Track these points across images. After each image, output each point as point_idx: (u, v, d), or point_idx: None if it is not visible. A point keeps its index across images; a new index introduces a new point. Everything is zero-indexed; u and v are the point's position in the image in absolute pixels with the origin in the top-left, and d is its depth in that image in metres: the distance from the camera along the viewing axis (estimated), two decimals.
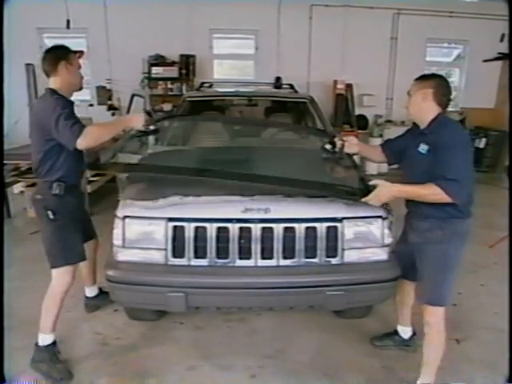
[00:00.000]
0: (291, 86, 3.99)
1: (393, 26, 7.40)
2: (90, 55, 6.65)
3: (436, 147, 1.82)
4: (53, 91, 2.03)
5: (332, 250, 2.01)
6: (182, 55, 6.74)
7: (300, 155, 2.81)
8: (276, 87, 5.44)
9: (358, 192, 1.96)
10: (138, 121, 2.18)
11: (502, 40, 7.41)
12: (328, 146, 2.32)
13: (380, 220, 2.05)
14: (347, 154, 2.39)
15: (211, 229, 1.94)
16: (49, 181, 2.08)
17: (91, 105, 6.91)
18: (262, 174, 2.03)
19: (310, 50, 7.27)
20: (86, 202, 3.49)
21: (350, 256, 2.03)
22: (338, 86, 7.15)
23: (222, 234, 1.95)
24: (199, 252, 1.96)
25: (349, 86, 7.29)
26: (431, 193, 1.77)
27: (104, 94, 6.73)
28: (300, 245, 1.97)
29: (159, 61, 6.60)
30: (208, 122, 3.42)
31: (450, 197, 1.74)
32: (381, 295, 2.09)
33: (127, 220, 1.97)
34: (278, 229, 1.95)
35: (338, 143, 2.27)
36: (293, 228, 1.96)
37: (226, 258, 1.96)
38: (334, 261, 2.01)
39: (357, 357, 2.37)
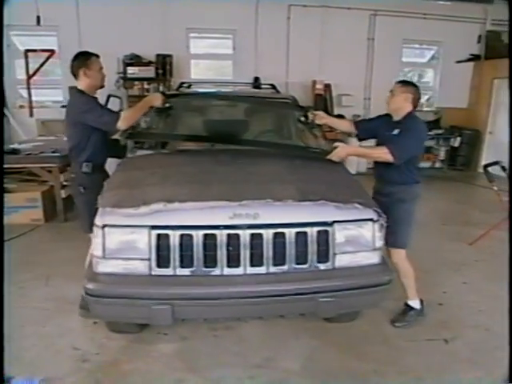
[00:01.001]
0: (273, 86, 3.91)
1: (369, 27, 7.48)
2: (62, 54, 6.38)
3: (402, 130, 2.47)
4: (80, 91, 2.54)
5: (323, 255, 1.95)
6: (158, 55, 6.57)
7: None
8: (255, 87, 5.38)
9: (323, 152, 2.53)
10: (157, 100, 2.71)
11: (479, 41, 7.63)
12: (302, 118, 2.98)
13: (370, 223, 2.01)
14: (318, 125, 3.01)
15: (197, 236, 1.84)
16: (79, 161, 2.57)
17: (64, 106, 6.61)
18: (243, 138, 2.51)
19: (288, 50, 7.26)
20: None
21: (342, 261, 1.98)
22: (317, 87, 7.18)
23: (209, 241, 1.86)
24: (185, 261, 1.86)
25: (327, 87, 7.34)
26: (378, 151, 2.42)
27: None
28: (290, 251, 1.90)
29: (135, 60, 6.41)
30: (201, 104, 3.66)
31: (392, 156, 2.35)
32: (374, 300, 2.05)
33: (107, 229, 1.84)
34: (268, 235, 1.88)
35: (310, 116, 2.86)
36: (283, 233, 1.90)
37: (213, 266, 1.87)
38: (325, 266, 1.96)
39: (348, 362, 2.32)
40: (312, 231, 1.92)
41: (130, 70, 6.31)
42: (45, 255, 3.69)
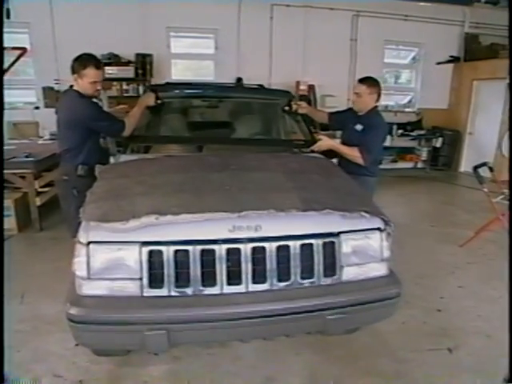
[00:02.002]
0: (262, 87, 3.77)
1: (352, 28, 7.45)
2: (35, 53, 6.04)
3: (366, 127, 2.82)
4: (80, 94, 2.54)
5: (330, 269, 1.81)
6: (137, 54, 6.31)
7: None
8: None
9: (307, 144, 2.84)
10: (150, 99, 2.85)
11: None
12: (286, 108, 3.22)
13: (378, 232, 1.89)
14: (301, 115, 3.22)
15: (194, 252, 1.67)
16: (75, 164, 2.59)
17: (37, 107, 6.28)
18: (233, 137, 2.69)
19: (271, 51, 7.12)
20: None
21: (349, 273, 1.85)
22: (301, 87, 7.08)
23: (207, 257, 1.68)
24: (181, 280, 1.68)
25: (311, 87, 7.25)
26: (352, 153, 2.77)
27: (52, 96, 6.09)
28: (295, 265, 1.75)
29: (113, 60, 6.12)
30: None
31: (361, 159, 2.74)
32: (384, 314, 1.93)
33: (92, 246, 1.64)
34: (271, 248, 1.72)
35: (294, 106, 3.15)
36: (287, 246, 1.74)
37: (212, 285, 1.70)
38: (332, 280, 1.82)
39: (353, 378, 2.19)
40: (318, 243, 1.78)
41: (109, 69, 6.00)
42: (19, 268, 3.39)
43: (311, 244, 1.77)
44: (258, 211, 1.72)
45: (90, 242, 1.65)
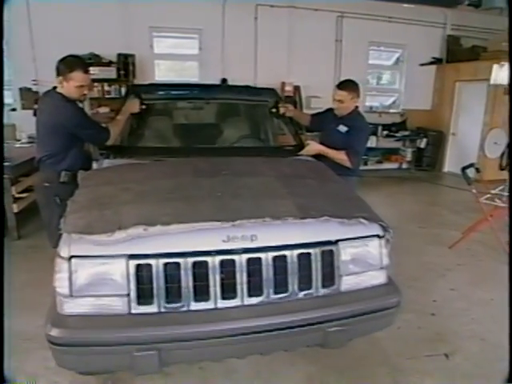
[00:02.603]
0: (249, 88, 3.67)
1: (337, 29, 7.44)
2: (11, 52, 5.79)
3: (351, 129, 2.85)
4: (64, 97, 2.40)
5: (328, 278, 1.73)
6: (119, 54, 6.12)
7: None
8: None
9: (296, 149, 2.83)
10: (134, 107, 2.76)
11: None
12: (274, 110, 3.18)
13: (377, 239, 1.82)
14: (289, 118, 3.19)
15: (186, 265, 1.56)
16: (57, 170, 2.46)
17: (14, 109, 6.02)
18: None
19: (256, 51, 7.03)
20: None
21: (348, 283, 1.77)
22: (287, 88, 7.03)
23: (200, 270, 1.57)
24: (172, 295, 1.56)
25: (297, 89, 7.21)
26: (340, 157, 2.80)
27: (29, 97, 5.85)
28: (293, 275, 1.66)
29: (94, 60, 5.90)
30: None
31: (349, 162, 2.80)
32: (385, 323, 1.86)
33: (75, 261, 1.51)
34: (267, 259, 1.63)
35: (281, 109, 3.12)
36: (284, 256, 1.65)
37: (205, 299, 1.59)
38: (331, 290, 1.74)
39: None
40: (315, 252, 1.70)
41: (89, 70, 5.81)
42: None
43: (309, 253, 1.69)
44: (253, 220, 1.62)
45: (72, 257, 1.51)
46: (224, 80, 6.84)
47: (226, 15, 6.72)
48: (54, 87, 2.49)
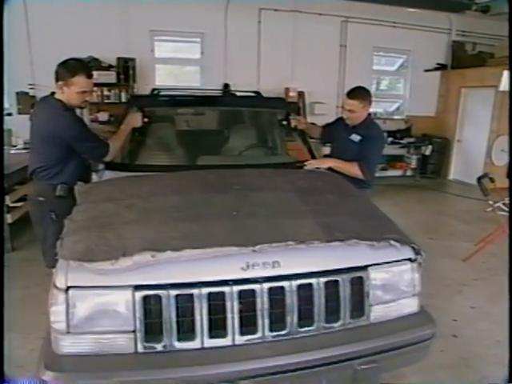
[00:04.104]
0: (258, 94, 3.49)
1: (341, 34, 7.31)
2: (7, 56, 5.57)
3: (365, 138, 2.67)
4: (63, 104, 2.21)
5: (358, 308, 1.55)
6: (119, 58, 5.95)
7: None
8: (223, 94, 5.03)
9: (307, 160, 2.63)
10: (137, 121, 2.54)
11: None
12: (284, 123, 3.00)
13: (409, 263, 1.64)
14: (301, 130, 3.02)
15: (200, 296, 1.37)
16: (53, 183, 2.26)
17: (10, 114, 5.82)
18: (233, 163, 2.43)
19: (259, 56, 6.90)
20: None
21: (379, 313, 1.59)
22: (291, 94, 6.88)
23: (216, 302, 1.39)
24: (184, 331, 1.37)
25: (301, 94, 7.07)
26: (353, 171, 2.61)
27: (26, 102, 5.66)
28: (319, 306, 1.48)
29: (93, 64, 5.70)
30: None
31: (362, 174, 2.61)
32: (418, 357, 1.68)
33: (73, 292, 1.32)
34: (291, 288, 1.44)
35: (292, 121, 2.94)
36: (310, 285, 1.47)
37: (222, 335, 1.40)
38: (360, 322, 1.55)
39: None
40: (344, 279, 1.51)
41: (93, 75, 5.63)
42: None
43: (336, 281, 1.51)
44: (275, 244, 1.44)
45: (69, 287, 1.32)
46: (226, 85, 6.69)
47: (228, 19, 6.58)
48: (52, 93, 2.30)
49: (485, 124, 7.19)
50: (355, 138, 2.73)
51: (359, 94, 2.71)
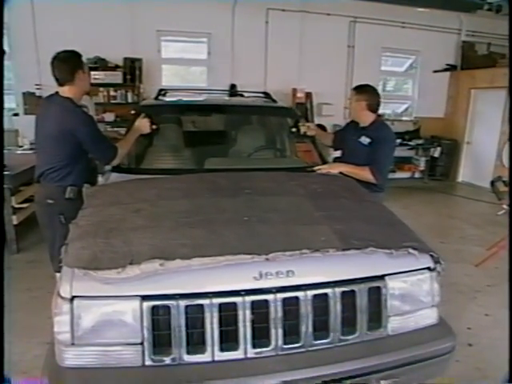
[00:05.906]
0: (267, 95, 3.41)
1: (349, 34, 7.23)
2: (14, 56, 5.60)
3: (375, 141, 2.58)
4: (72, 101, 2.17)
5: (375, 320, 1.48)
6: (126, 58, 5.92)
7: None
8: (231, 95, 4.94)
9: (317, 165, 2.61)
10: (145, 127, 2.50)
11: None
12: (294, 129, 2.95)
13: (428, 272, 1.57)
14: (310, 137, 2.95)
15: (211, 307, 1.31)
16: (63, 185, 2.21)
17: (16, 114, 5.81)
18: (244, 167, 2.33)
19: (266, 57, 6.83)
20: None
21: (397, 324, 1.51)
22: (298, 95, 6.80)
23: (227, 312, 1.32)
24: (194, 343, 1.31)
25: (308, 95, 6.99)
26: (364, 173, 2.54)
27: (32, 102, 5.64)
28: (335, 317, 1.41)
29: (99, 64, 5.71)
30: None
31: (374, 178, 2.54)
32: (436, 371, 1.61)
33: (78, 302, 1.26)
34: (306, 298, 1.38)
35: (302, 128, 2.86)
36: (325, 295, 1.40)
37: (234, 348, 1.34)
38: (378, 334, 1.48)
39: None
40: (361, 289, 1.44)
41: (95, 74, 5.59)
42: None
43: (353, 291, 1.44)
44: (289, 252, 1.37)
45: (74, 297, 1.27)
46: (233, 86, 6.63)
47: (235, 19, 6.52)
48: (57, 92, 2.26)
49: (495, 126, 7.07)
50: (364, 140, 2.66)
51: (360, 87, 2.74)
